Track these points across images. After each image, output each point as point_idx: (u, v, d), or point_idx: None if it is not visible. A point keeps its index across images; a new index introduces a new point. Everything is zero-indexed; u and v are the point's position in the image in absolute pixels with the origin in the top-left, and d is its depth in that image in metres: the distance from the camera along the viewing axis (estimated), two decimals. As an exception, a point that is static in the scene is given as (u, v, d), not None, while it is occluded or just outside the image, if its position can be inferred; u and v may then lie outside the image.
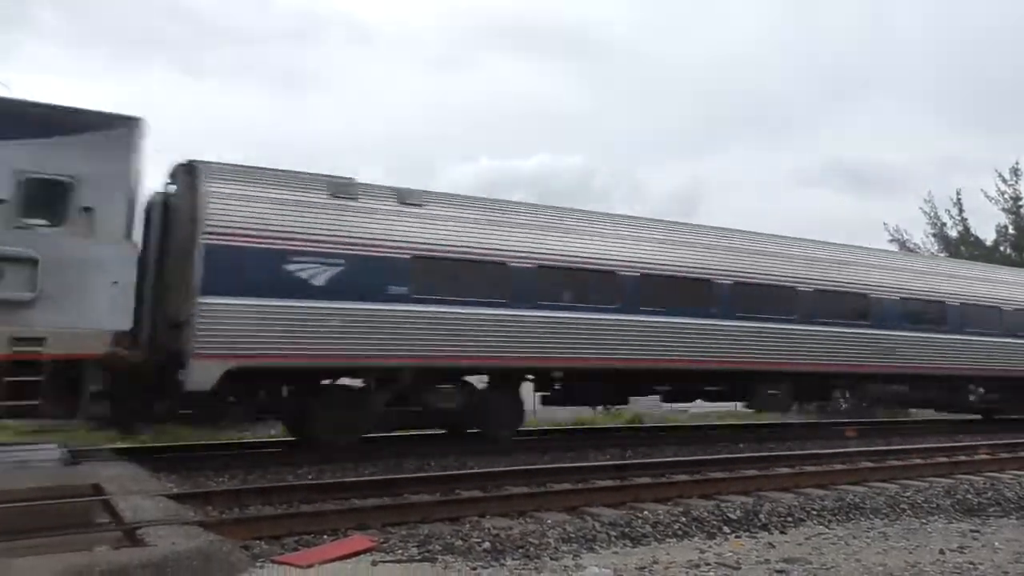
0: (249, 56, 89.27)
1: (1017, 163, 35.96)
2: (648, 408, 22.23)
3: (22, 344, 9.58)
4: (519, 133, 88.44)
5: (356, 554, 6.07)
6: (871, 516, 8.17)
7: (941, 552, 6.35)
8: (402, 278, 12.18)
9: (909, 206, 72.90)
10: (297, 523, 7.11)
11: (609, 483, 9.67)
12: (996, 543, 6.80)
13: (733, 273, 15.57)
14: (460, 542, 6.45)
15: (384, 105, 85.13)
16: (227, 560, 5.49)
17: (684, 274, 14.98)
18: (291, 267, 11.41)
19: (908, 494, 9.24)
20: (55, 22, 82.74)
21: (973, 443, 14.83)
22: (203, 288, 10.82)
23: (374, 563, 5.82)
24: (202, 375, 10.74)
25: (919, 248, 36.10)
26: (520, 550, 6.23)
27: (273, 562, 5.87)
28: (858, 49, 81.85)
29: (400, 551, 6.22)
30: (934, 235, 37.23)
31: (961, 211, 36.72)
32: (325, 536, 6.82)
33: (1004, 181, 35.95)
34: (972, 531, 7.35)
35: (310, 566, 5.69)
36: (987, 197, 36.38)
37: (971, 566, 5.89)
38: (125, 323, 10.31)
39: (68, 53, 77.41)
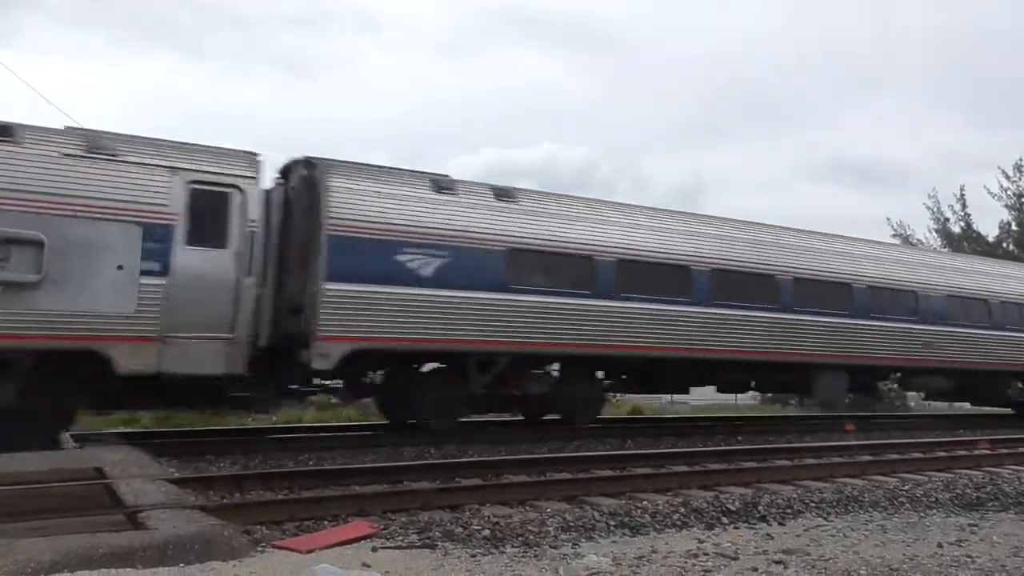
0: (254, 42, 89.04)
1: (1020, 160, 35.93)
2: (648, 400, 22.30)
3: None
4: (524, 123, 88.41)
5: (356, 540, 6.09)
6: (870, 509, 8.18)
7: (939, 545, 6.36)
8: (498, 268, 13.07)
9: (914, 202, 72.80)
10: (298, 509, 7.14)
11: (608, 473, 9.70)
12: (994, 537, 6.81)
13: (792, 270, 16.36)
14: (460, 529, 6.47)
15: (389, 93, 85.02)
16: (228, 544, 5.51)
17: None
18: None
19: (907, 488, 9.26)
20: (58, 2, 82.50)
21: (972, 438, 14.84)
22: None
23: (374, 549, 5.84)
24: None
25: (922, 243, 36.06)
26: (520, 538, 6.25)
27: (274, 547, 5.89)
28: (864, 45, 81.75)
29: (400, 537, 6.25)
30: (937, 231, 37.23)
31: (964, 207, 36.72)
32: (325, 522, 6.85)
33: (1007, 178, 35.93)
34: (970, 525, 7.36)
35: (310, 551, 5.71)
36: (990, 193, 36.37)
37: (969, 559, 5.90)
38: None
39: (70, 34, 77.27)
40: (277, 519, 6.83)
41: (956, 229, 36.96)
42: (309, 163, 12.23)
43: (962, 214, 36.80)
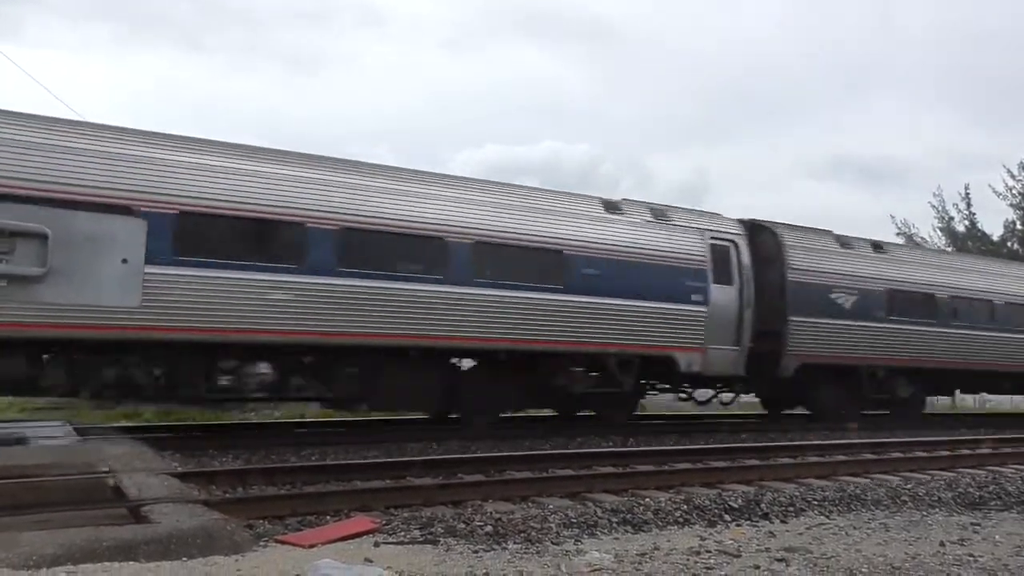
0: (256, 37, 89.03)
1: (1025, 158, 35.79)
2: (650, 397, 22.22)
3: None
4: (526, 120, 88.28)
5: (358, 535, 6.09)
6: (872, 507, 8.17)
7: (941, 544, 6.35)
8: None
9: (917, 200, 72.65)
10: (300, 504, 7.15)
11: (611, 470, 9.70)
12: (997, 536, 6.80)
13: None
14: (462, 525, 6.47)
15: (392, 88, 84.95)
16: (230, 539, 5.52)
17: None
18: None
19: (909, 486, 9.25)
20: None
21: (976, 437, 14.83)
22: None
23: (376, 544, 5.84)
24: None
25: (926, 242, 35.96)
26: (522, 534, 6.25)
27: (276, 541, 5.90)
28: (870, 42, 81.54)
29: (402, 533, 6.25)
30: (941, 229, 37.15)
31: (969, 206, 36.62)
32: (328, 517, 6.85)
33: (1013, 176, 35.82)
34: (973, 524, 7.35)
35: (312, 546, 5.72)
36: (995, 192, 36.25)
37: (971, 558, 5.89)
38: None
39: (73, 28, 77.30)
40: (279, 514, 6.84)
41: (960, 228, 36.89)
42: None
43: (966, 213, 36.74)
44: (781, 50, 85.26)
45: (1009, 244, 35.91)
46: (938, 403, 25.93)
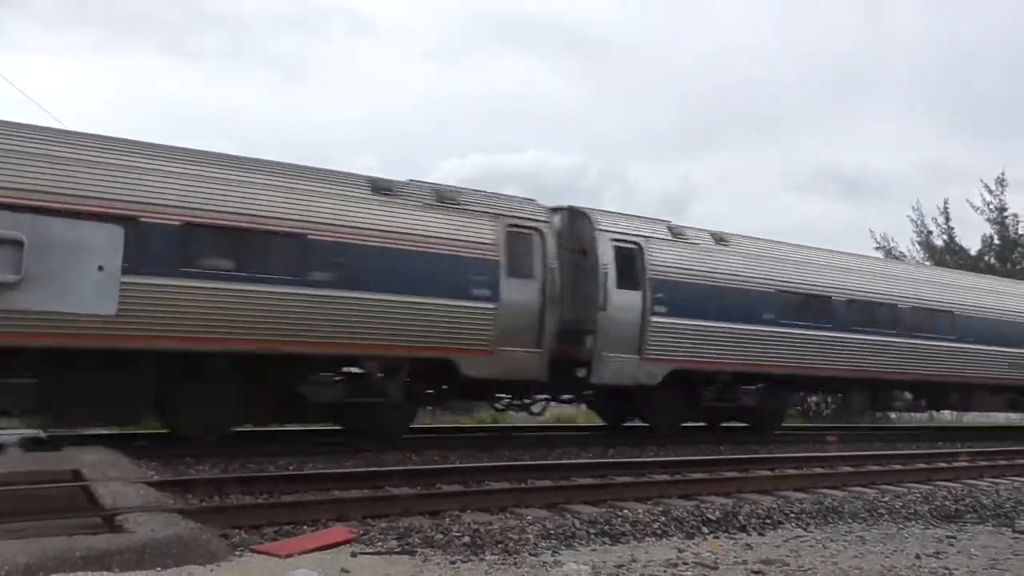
0: (244, 43, 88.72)
1: (1002, 173, 36.29)
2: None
3: None
4: (511, 129, 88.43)
5: (335, 545, 6.07)
6: (849, 520, 8.22)
7: (917, 557, 6.40)
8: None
9: (899, 214, 73.27)
10: (277, 513, 7.10)
11: (590, 481, 9.70)
12: (972, 549, 6.85)
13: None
14: (440, 535, 6.46)
15: (378, 97, 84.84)
16: (206, 548, 5.48)
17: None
18: None
19: (886, 499, 9.32)
20: (43, 2, 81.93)
21: (953, 450, 14.95)
22: None
23: (353, 554, 5.81)
24: None
25: (905, 256, 36.30)
26: (499, 545, 6.24)
27: (252, 551, 5.86)
28: (852, 56, 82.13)
29: (380, 543, 6.23)
30: (919, 243, 37.48)
31: (947, 220, 37.00)
32: (305, 527, 6.80)
33: (990, 191, 36.25)
34: (948, 537, 7.41)
35: (289, 556, 5.69)
36: (972, 207, 36.67)
37: (946, 571, 5.94)
38: None
39: (57, 33, 76.72)
40: (256, 523, 6.78)
41: (939, 242, 37.27)
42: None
43: (945, 227, 37.11)
44: (766, 62, 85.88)
45: (986, 259, 36.30)
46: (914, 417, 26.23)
